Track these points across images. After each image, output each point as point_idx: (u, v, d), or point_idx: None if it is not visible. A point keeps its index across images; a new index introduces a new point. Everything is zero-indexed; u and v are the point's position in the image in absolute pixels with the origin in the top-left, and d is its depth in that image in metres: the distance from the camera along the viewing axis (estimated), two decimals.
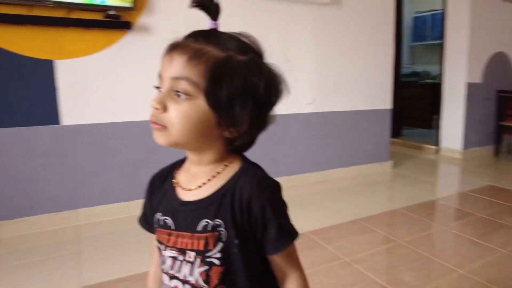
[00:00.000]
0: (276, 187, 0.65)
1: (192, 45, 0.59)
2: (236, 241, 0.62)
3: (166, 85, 0.60)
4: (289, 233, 0.65)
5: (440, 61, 4.38)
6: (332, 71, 3.17)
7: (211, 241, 0.62)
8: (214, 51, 0.59)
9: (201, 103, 0.59)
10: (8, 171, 2.15)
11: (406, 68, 6.38)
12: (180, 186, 0.68)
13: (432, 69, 6.26)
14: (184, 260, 0.64)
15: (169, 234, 0.66)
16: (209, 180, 0.65)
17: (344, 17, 3.15)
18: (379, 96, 3.46)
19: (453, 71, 4.22)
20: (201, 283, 0.63)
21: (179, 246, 0.65)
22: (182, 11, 2.31)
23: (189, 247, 0.63)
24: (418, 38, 6.60)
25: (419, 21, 6.53)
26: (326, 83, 3.15)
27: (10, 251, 2.01)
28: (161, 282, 0.72)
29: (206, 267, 0.63)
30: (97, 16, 2.22)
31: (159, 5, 2.41)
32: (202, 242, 0.62)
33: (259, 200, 0.62)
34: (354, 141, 3.37)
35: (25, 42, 2.10)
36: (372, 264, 1.83)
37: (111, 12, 2.23)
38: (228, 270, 0.63)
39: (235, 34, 0.62)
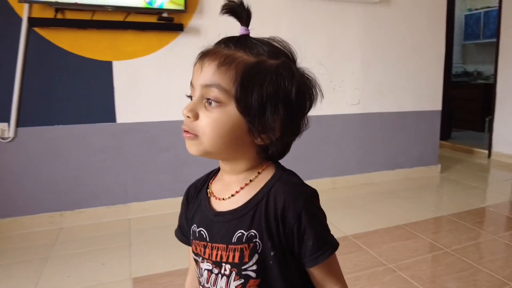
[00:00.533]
0: (312, 195, 0.62)
1: (223, 51, 0.58)
2: (272, 253, 0.59)
3: (197, 93, 0.59)
4: (328, 244, 0.61)
5: (494, 60, 4.19)
6: (379, 71, 3.12)
7: (246, 253, 0.60)
8: (244, 56, 0.57)
9: (232, 109, 0.57)
10: (69, 166, 2.31)
11: (456, 68, 6.14)
12: (214, 196, 0.66)
13: (484, 69, 5.98)
14: (220, 273, 0.62)
15: (205, 247, 0.64)
16: (241, 188, 0.63)
17: (393, 15, 3.09)
18: (428, 97, 3.36)
19: (508, 71, 4.03)
20: None
21: (214, 258, 0.63)
22: None
23: (224, 259, 0.61)
24: (469, 36, 6.31)
25: (471, 19, 6.25)
26: (372, 83, 3.11)
27: (69, 239, 2.16)
28: None
29: (242, 281, 0.60)
30: (152, 19, 2.32)
31: (209, 7, 2.48)
32: (237, 254, 0.60)
33: (294, 208, 0.59)
34: (400, 143, 3.30)
35: (87, 45, 2.24)
36: (417, 272, 1.80)
37: (165, 15, 2.32)
38: (265, 282, 0.60)
39: (267, 39, 0.60)
